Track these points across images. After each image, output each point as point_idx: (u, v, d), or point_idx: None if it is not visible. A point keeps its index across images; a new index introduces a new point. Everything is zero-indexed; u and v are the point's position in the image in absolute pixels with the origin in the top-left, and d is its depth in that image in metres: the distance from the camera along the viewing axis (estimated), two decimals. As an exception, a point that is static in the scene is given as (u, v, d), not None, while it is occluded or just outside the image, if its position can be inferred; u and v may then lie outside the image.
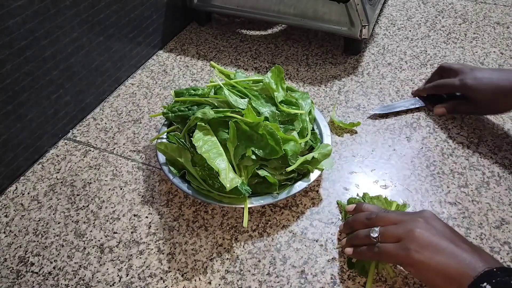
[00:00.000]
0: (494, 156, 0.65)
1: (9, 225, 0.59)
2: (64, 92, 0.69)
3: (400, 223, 0.46)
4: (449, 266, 0.41)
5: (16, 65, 0.59)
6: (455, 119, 0.71)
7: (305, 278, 0.51)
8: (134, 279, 0.52)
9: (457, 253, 0.42)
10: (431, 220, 0.45)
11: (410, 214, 0.48)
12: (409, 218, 0.46)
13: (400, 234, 0.45)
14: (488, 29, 0.93)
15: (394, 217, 0.47)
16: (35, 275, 0.53)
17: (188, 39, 0.95)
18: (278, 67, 0.62)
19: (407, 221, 0.46)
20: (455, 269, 0.41)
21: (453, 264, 0.41)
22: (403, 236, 0.44)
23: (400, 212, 0.50)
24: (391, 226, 0.46)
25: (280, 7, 0.84)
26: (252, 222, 0.58)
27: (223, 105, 0.60)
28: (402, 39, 0.91)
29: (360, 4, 0.76)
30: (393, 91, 0.78)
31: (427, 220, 0.45)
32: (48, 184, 0.64)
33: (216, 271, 0.52)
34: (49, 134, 0.69)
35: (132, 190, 0.62)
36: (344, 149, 0.67)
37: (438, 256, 0.42)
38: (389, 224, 0.47)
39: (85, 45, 0.71)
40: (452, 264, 0.41)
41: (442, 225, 0.45)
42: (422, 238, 0.43)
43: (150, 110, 0.76)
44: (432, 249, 0.42)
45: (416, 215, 0.47)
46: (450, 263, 0.41)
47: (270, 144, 0.54)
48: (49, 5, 0.62)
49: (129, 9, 0.78)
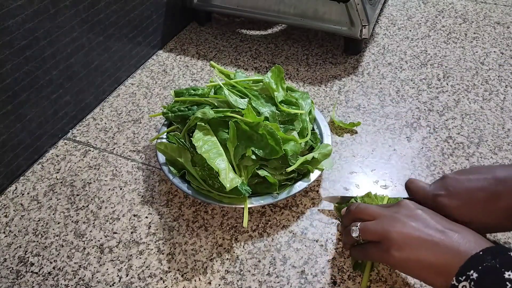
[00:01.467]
0: (494, 156, 0.65)
1: (9, 225, 0.59)
2: (64, 92, 0.69)
3: (379, 219, 0.45)
4: (433, 258, 0.40)
5: (16, 65, 0.59)
6: (455, 119, 0.71)
7: (305, 278, 0.51)
8: (134, 279, 0.52)
9: (439, 243, 0.40)
10: (410, 210, 0.44)
11: (388, 208, 0.47)
12: (387, 213, 0.45)
13: (379, 233, 0.44)
14: (488, 29, 0.93)
15: (373, 210, 0.47)
16: (35, 275, 0.53)
17: (188, 39, 0.94)
18: (278, 67, 0.62)
19: (385, 216, 0.45)
20: (439, 260, 0.39)
21: (436, 255, 0.40)
22: (382, 235, 0.43)
23: (379, 206, 0.49)
24: (370, 223, 0.45)
25: (280, 7, 0.83)
26: (252, 222, 0.58)
27: (223, 105, 0.59)
28: (402, 39, 0.91)
29: (360, 4, 0.76)
30: (393, 91, 0.78)
31: (406, 212, 0.44)
32: (48, 184, 0.64)
33: (216, 271, 0.52)
34: (49, 134, 0.69)
35: (132, 190, 0.62)
36: (344, 149, 0.67)
37: (420, 251, 0.41)
38: (368, 218, 0.46)
39: (85, 45, 0.71)
40: (436, 256, 0.40)
41: (421, 213, 0.44)
42: (401, 236, 0.42)
43: (150, 110, 0.76)
44: (412, 244, 0.41)
45: (394, 208, 0.46)
46: (433, 255, 0.40)
47: (270, 144, 0.54)
48: (49, 5, 0.62)
49: (129, 9, 0.78)
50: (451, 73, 0.81)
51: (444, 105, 0.74)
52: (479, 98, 0.75)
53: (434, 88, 0.78)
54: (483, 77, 0.80)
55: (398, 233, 0.42)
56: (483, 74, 0.81)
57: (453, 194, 0.47)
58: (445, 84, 0.79)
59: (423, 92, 0.77)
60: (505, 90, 0.77)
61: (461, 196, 0.46)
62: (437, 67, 0.83)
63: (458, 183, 0.47)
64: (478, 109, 0.73)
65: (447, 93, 0.77)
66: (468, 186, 0.46)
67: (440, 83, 0.79)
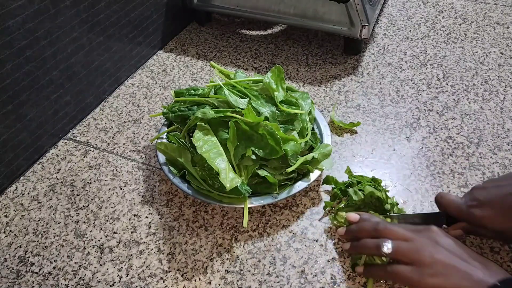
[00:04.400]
0: (494, 156, 0.65)
1: (9, 225, 0.59)
2: (64, 92, 0.69)
3: (411, 241, 0.45)
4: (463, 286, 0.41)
5: (16, 65, 0.59)
6: (455, 119, 0.71)
7: (305, 278, 0.51)
8: (134, 279, 0.52)
9: (469, 271, 0.42)
10: (439, 237, 0.45)
11: (418, 232, 0.47)
12: (420, 238, 0.45)
13: (413, 255, 0.44)
14: (488, 29, 0.93)
15: (403, 233, 0.47)
16: (35, 275, 0.53)
17: (188, 39, 0.95)
18: (278, 67, 0.62)
19: (417, 240, 0.45)
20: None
21: (466, 284, 0.41)
22: (416, 258, 0.44)
23: (407, 227, 0.48)
24: (403, 243, 0.46)
25: (280, 7, 0.84)
26: (252, 222, 0.58)
27: (223, 105, 0.60)
28: (402, 39, 0.91)
29: (360, 4, 0.76)
30: (393, 91, 0.78)
31: (436, 239, 0.45)
32: (48, 184, 0.64)
33: (216, 271, 0.52)
34: (49, 134, 0.69)
35: (132, 190, 0.62)
36: (344, 149, 0.67)
37: (453, 279, 0.42)
38: (398, 239, 0.46)
39: (85, 45, 0.71)
40: (466, 284, 0.41)
41: (450, 242, 0.45)
42: (435, 262, 0.43)
43: (150, 110, 0.76)
44: (446, 272, 0.42)
45: (424, 234, 0.46)
46: (464, 283, 0.41)
47: (270, 144, 0.54)
48: (49, 5, 0.62)
49: (129, 9, 0.78)
50: (450, 73, 0.82)
51: (443, 105, 0.74)
52: (479, 98, 0.75)
53: (434, 88, 0.78)
54: (483, 77, 0.80)
55: (432, 258, 0.43)
56: (483, 74, 0.81)
57: (485, 204, 0.47)
58: (445, 84, 0.79)
59: (423, 92, 0.77)
60: (505, 90, 0.77)
61: (493, 204, 0.46)
62: (437, 67, 0.83)
63: (488, 192, 0.47)
64: (477, 109, 0.73)
65: (447, 93, 0.77)
66: (498, 193, 0.46)
67: (440, 83, 0.79)
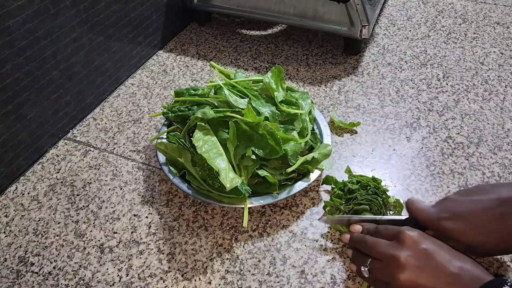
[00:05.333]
0: (494, 156, 0.65)
1: (9, 225, 0.59)
2: (64, 92, 0.69)
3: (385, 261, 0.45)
4: None
5: (16, 65, 0.59)
6: (455, 119, 0.71)
7: (305, 278, 0.51)
8: (134, 279, 0.52)
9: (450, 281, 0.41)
10: (415, 248, 0.44)
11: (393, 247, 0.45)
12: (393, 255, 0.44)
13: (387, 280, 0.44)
14: (488, 29, 0.93)
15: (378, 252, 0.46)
16: (35, 275, 0.53)
17: (188, 39, 0.95)
18: (278, 67, 0.62)
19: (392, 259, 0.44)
20: None
21: None
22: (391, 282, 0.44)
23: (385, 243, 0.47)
24: (378, 268, 0.45)
25: (280, 7, 0.84)
26: (252, 222, 0.58)
27: (223, 105, 0.60)
28: (402, 39, 0.91)
29: (360, 4, 0.76)
30: (393, 91, 0.78)
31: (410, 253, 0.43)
32: (48, 184, 0.64)
33: (216, 271, 0.52)
34: (49, 134, 0.69)
35: (132, 190, 0.62)
36: (344, 149, 0.67)
37: None
38: (378, 256, 0.46)
39: (85, 45, 0.71)
40: None
41: (425, 249, 0.44)
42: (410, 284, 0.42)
43: (150, 110, 0.76)
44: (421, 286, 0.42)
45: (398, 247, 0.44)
46: None
47: (270, 144, 0.54)
48: (49, 5, 0.62)
49: (129, 9, 0.78)
50: (450, 73, 0.82)
51: (443, 105, 0.74)
52: (479, 98, 0.75)
53: (434, 88, 0.78)
54: (483, 77, 0.80)
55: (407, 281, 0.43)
56: (483, 74, 0.81)
57: (457, 217, 0.45)
58: (445, 84, 0.79)
59: (423, 92, 0.77)
60: (505, 90, 0.77)
61: (466, 218, 0.45)
62: (437, 67, 0.83)
63: (462, 205, 0.46)
64: (477, 109, 0.73)
65: (447, 93, 0.77)
66: (472, 208, 0.45)
67: (440, 83, 0.79)
